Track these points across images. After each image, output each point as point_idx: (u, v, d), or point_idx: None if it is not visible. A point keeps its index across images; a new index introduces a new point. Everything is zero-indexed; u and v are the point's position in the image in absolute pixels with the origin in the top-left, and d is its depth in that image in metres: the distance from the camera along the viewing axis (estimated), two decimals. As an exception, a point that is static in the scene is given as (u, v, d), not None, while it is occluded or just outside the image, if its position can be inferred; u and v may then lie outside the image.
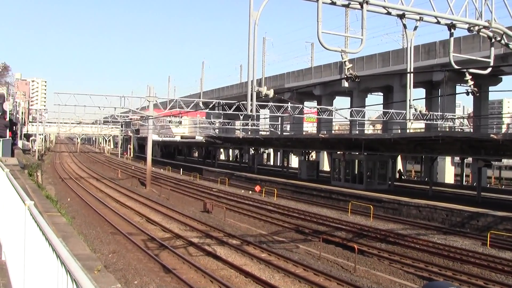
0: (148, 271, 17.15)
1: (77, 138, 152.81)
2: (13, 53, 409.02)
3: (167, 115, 70.71)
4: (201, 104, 58.92)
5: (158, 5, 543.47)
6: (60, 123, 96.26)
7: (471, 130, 51.90)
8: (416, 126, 72.29)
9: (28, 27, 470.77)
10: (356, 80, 12.64)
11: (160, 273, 17.19)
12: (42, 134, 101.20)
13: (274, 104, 51.77)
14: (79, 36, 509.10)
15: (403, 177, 54.03)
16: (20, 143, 73.46)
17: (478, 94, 18.97)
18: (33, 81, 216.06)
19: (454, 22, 13.37)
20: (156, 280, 15.97)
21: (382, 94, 67.60)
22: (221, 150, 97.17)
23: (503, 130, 77.71)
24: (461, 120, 52.98)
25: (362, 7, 11.73)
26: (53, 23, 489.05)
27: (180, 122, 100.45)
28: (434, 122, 49.01)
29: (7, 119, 48.20)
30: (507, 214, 26.08)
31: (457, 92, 51.42)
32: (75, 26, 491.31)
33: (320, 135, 47.60)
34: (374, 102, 70.32)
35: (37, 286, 4.41)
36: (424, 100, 56.36)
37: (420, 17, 13.09)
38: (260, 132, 79.90)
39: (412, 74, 14.69)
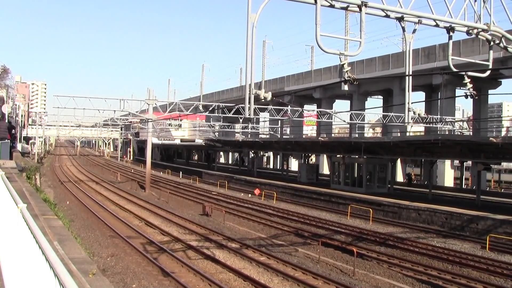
0: (146, 275, 17.10)
1: (77, 141, 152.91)
2: (13, 55, 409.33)
3: (166, 118, 70.71)
4: (200, 107, 58.76)
5: (158, 7, 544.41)
6: (60, 126, 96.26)
7: (471, 134, 51.82)
8: (415, 130, 72.34)
9: (28, 29, 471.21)
10: (355, 83, 12.66)
11: (159, 277, 17.13)
12: (42, 137, 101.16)
13: (274, 107, 51.73)
14: (79, 38, 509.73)
15: (412, 181, 53.04)
16: (19, 146, 73.57)
17: (477, 97, 18.92)
18: (33, 83, 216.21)
19: (452, 25, 13.37)
20: (154, 284, 15.93)
21: (382, 97, 67.54)
22: (221, 153, 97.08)
23: (503, 134, 77.71)
24: (461, 123, 52.85)
25: (360, 9, 11.73)
26: (53, 26, 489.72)
27: (179, 125, 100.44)
28: (434, 126, 48.94)
29: (6, 121, 48.22)
30: (507, 218, 26.05)
31: (456, 95, 51.44)
32: (75, 28, 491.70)
33: (319, 138, 47.61)
34: (374, 105, 70.26)
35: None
36: (424, 103, 56.34)
37: (418, 20, 13.10)
38: (259, 135, 79.79)
39: (411, 77, 14.69)
